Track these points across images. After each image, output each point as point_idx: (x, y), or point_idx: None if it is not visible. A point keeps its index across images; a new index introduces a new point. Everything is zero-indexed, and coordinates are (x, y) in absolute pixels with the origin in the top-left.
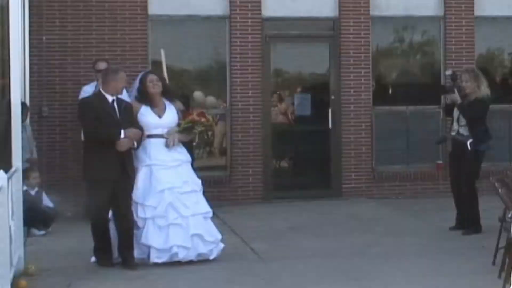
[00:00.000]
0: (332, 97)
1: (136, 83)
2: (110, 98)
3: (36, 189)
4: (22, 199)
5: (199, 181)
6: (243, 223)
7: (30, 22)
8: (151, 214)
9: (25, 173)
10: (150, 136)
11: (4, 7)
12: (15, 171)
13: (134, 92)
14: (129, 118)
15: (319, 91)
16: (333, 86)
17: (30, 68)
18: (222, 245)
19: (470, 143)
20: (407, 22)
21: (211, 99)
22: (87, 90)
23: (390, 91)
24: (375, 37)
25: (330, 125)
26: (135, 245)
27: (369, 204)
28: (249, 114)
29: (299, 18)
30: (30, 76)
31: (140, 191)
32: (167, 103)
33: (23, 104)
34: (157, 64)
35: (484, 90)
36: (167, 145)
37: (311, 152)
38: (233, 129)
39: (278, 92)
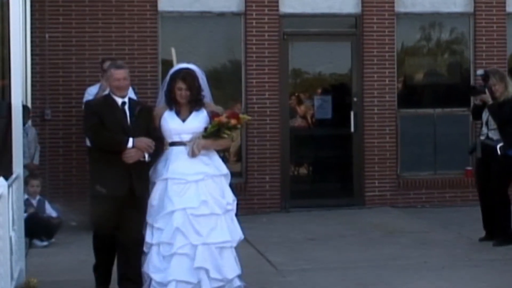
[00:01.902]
0: (355, 99)
1: (166, 80)
2: (119, 101)
3: (38, 197)
4: (24, 208)
5: (227, 201)
6: (259, 234)
7: (31, 19)
8: (157, 240)
9: (25, 180)
10: (172, 144)
11: (5, 3)
12: (16, 178)
13: (164, 89)
14: (145, 125)
15: (341, 93)
16: (355, 87)
17: (32, 68)
18: (238, 284)
19: (500, 148)
20: (434, 19)
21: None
22: (92, 91)
23: (416, 93)
24: (400, 35)
25: (352, 129)
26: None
27: (393, 213)
28: (265, 117)
29: (319, 15)
30: (32, 77)
31: (154, 209)
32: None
33: (24, 107)
34: (167, 64)
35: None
36: (189, 154)
37: (331, 158)
38: (249, 133)
39: (296, 94)
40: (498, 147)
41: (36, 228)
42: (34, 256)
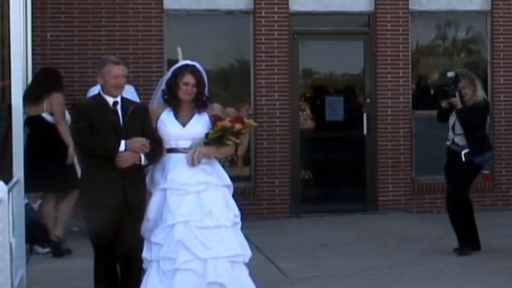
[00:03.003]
0: (367, 100)
1: (168, 75)
2: (110, 101)
3: (39, 201)
4: (24, 213)
5: (232, 213)
6: (268, 240)
7: (32, 18)
8: (156, 256)
9: None
10: (170, 151)
11: (5, 1)
12: (16, 182)
13: (163, 86)
14: (140, 126)
15: (353, 94)
16: (368, 88)
17: (33, 68)
18: None
19: (465, 154)
20: (450, 18)
21: (231, 112)
22: (95, 92)
23: (431, 94)
24: (414, 34)
25: (365, 131)
26: None
27: (408, 218)
28: (275, 119)
29: (330, 13)
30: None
31: (150, 223)
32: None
33: None
34: (173, 64)
35: (480, 93)
36: (188, 163)
37: (343, 161)
38: (258, 136)
39: (307, 95)
40: (463, 153)
41: (37, 234)
42: (35, 263)
